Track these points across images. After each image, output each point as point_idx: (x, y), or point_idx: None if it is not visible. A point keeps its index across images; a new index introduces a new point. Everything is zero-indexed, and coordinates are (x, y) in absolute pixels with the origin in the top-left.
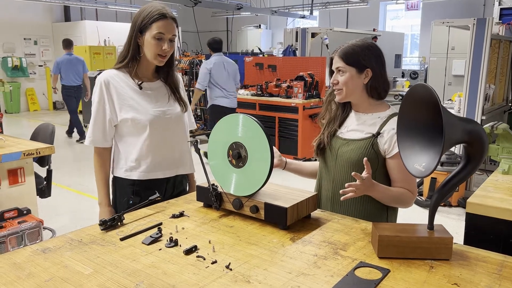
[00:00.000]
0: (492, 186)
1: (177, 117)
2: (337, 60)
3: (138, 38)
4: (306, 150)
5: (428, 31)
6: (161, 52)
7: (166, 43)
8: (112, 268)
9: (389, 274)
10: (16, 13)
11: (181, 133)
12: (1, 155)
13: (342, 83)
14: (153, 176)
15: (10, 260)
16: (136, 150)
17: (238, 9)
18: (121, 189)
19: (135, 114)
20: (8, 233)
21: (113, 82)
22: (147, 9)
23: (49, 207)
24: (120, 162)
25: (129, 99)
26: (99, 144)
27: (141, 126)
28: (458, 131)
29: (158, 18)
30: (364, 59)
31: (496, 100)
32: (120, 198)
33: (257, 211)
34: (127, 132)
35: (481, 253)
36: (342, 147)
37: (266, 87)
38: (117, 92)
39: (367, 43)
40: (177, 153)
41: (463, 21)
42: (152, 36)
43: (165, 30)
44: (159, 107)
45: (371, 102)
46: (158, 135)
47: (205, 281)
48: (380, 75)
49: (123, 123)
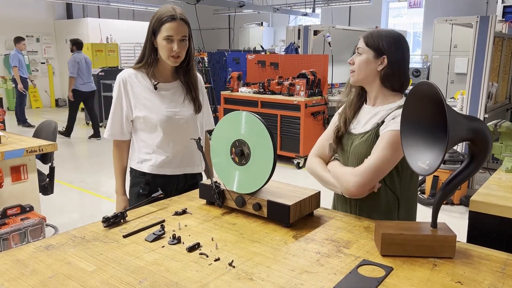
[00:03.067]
0: (496, 184)
1: (189, 118)
2: (360, 41)
3: (153, 40)
4: (308, 148)
5: (430, 29)
6: (172, 53)
7: (175, 44)
8: (115, 265)
9: (392, 272)
10: (18, 10)
11: (192, 133)
12: (4, 152)
13: (356, 64)
14: (161, 172)
15: (14, 256)
16: (147, 146)
17: (240, 6)
18: (134, 179)
19: (147, 113)
20: (11, 230)
21: (130, 81)
22: (159, 12)
23: (51, 204)
24: (134, 154)
25: (143, 98)
26: (117, 137)
27: (152, 125)
28: (462, 129)
29: (167, 21)
30: (383, 46)
31: (499, 98)
32: (133, 188)
33: (259, 208)
34: (140, 128)
35: (485, 251)
36: (353, 143)
37: (268, 85)
38: (133, 90)
39: (396, 34)
40: (186, 152)
41: (466, 18)
42: (163, 38)
43: (173, 32)
44: (172, 108)
45: (385, 92)
46: (168, 135)
47: (208, 278)
48: (397, 66)
49: (136, 120)
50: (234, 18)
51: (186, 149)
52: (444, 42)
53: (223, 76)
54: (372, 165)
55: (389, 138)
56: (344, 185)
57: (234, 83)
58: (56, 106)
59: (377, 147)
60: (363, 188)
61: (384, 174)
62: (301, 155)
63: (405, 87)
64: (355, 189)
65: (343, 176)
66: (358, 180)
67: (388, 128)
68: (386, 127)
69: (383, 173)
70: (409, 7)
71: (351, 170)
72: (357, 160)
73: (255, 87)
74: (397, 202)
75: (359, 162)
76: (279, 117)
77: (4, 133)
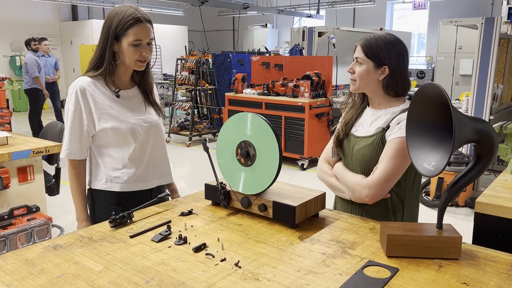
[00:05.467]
0: (501, 186)
1: (156, 124)
2: (358, 50)
3: (114, 45)
4: (313, 149)
5: (435, 31)
6: (140, 58)
7: (144, 48)
8: (123, 265)
9: (398, 273)
10: (24, 12)
11: (161, 140)
12: (11, 153)
13: (357, 74)
14: (134, 188)
15: (22, 256)
16: (115, 161)
17: (244, 8)
18: (99, 202)
19: (116, 123)
20: (18, 230)
21: (89, 90)
22: (119, 14)
23: (57, 205)
24: (99, 173)
25: (107, 107)
26: (76, 157)
27: (122, 135)
28: (468, 130)
29: (133, 24)
30: (384, 56)
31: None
32: (99, 211)
33: (265, 209)
34: (108, 142)
35: (490, 253)
36: (356, 146)
37: (273, 86)
38: (94, 100)
39: (393, 39)
40: (157, 162)
41: (471, 20)
42: (129, 43)
43: (142, 36)
44: (138, 115)
45: (388, 98)
46: (139, 144)
47: (215, 279)
48: (399, 73)
49: (103, 133)
50: (239, 19)
51: (157, 159)
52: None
53: (227, 78)
54: (383, 175)
55: (397, 145)
56: (357, 195)
57: (238, 84)
58: (61, 107)
59: (386, 155)
60: (377, 199)
61: (395, 183)
62: (305, 156)
63: (408, 90)
64: (370, 201)
65: (356, 186)
66: (372, 192)
67: (395, 135)
68: (392, 133)
69: (394, 182)
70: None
71: (363, 181)
72: (362, 163)
73: (259, 89)
74: (401, 204)
75: (364, 164)
76: (283, 119)
77: (10, 134)
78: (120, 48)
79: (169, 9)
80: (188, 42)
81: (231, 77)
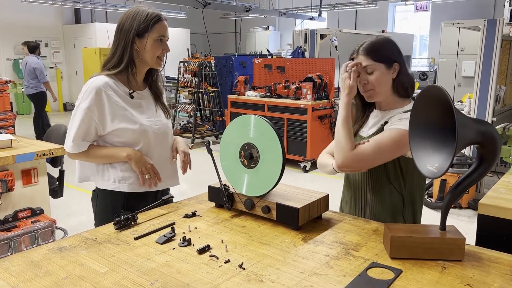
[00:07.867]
0: (504, 187)
1: (166, 126)
2: (362, 59)
3: (135, 42)
4: (315, 151)
5: (437, 32)
6: (161, 54)
7: (166, 45)
8: (127, 266)
9: (401, 275)
10: (27, 15)
11: (170, 141)
12: (15, 156)
13: (374, 82)
14: (143, 189)
15: (27, 258)
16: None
17: (246, 11)
18: (106, 202)
19: (128, 125)
20: (22, 233)
21: (105, 91)
22: (140, 12)
23: (61, 207)
24: (107, 174)
25: (122, 108)
26: (76, 150)
27: (134, 136)
28: (471, 132)
29: (157, 20)
30: (389, 53)
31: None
32: (105, 212)
33: (268, 211)
34: (119, 143)
35: (494, 254)
36: None
37: (275, 89)
38: (109, 101)
39: (386, 38)
40: (167, 164)
41: (473, 22)
42: (154, 39)
43: (165, 32)
44: (149, 117)
45: (395, 98)
46: (150, 146)
47: (219, 280)
48: (405, 68)
49: (114, 133)
50: (241, 22)
51: (166, 161)
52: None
53: (229, 80)
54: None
55: (392, 132)
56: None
57: (240, 87)
58: (64, 110)
59: (377, 137)
60: (345, 170)
61: (372, 165)
62: (308, 158)
63: (413, 87)
64: (336, 167)
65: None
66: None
67: (392, 126)
68: (391, 124)
69: (371, 164)
70: (416, 10)
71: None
72: None
73: (261, 91)
74: (401, 201)
75: None
76: (285, 121)
77: (15, 137)
78: (142, 45)
79: (172, 12)
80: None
81: (233, 79)
